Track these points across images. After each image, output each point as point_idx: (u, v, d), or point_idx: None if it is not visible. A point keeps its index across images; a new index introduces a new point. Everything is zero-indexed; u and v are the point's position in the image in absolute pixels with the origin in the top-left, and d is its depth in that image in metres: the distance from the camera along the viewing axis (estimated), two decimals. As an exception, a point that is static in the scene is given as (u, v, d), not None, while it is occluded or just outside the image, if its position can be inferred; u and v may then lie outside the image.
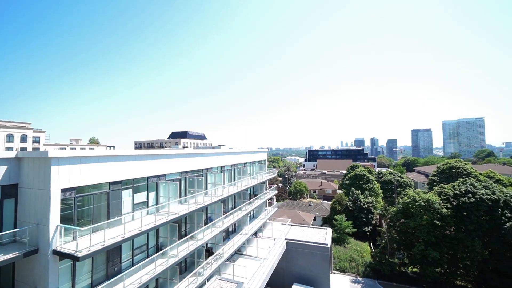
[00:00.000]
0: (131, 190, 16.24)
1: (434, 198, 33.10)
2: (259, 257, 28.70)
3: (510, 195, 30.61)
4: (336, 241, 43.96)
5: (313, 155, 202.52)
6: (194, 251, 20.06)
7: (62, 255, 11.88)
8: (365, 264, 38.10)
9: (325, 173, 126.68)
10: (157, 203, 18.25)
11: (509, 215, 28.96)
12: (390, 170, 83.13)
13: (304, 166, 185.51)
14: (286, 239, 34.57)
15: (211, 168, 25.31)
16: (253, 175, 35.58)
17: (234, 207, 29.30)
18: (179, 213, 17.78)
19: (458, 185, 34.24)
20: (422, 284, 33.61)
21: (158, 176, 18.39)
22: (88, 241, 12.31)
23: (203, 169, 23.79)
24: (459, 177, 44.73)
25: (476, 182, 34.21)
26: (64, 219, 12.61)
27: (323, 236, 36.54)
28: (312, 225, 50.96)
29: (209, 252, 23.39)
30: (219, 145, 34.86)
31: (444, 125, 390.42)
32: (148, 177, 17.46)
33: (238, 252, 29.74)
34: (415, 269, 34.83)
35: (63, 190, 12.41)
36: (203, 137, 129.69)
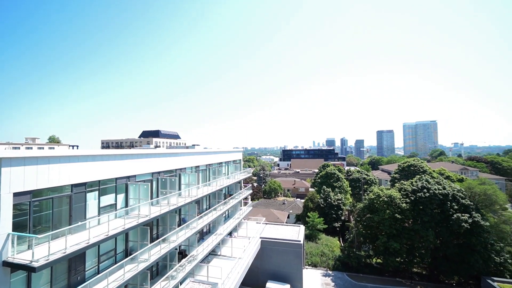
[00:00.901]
0: (97, 192, 15.21)
1: (395, 194, 36.06)
2: (234, 257, 28.71)
3: (457, 189, 34.55)
4: (308, 237, 45.65)
5: (287, 154, 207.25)
6: (167, 254, 19.43)
7: (14, 266, 10.77)
8: (335, 258, 40.14)
9: (299, 172, 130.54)
10: (126, 205, 17.32)
11: (456, 207, 32.67)
12: (357, 168, 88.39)
13: (278, 165, 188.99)
14: (260, 237, 35.03)
15: (185, 168, 24.70)
16: (228, 175, 35.43)
17: (209, 208, 28.93)
18: (151, 216, 17.09)
19: (416, 182, 37.67)
20: (385, 273, 36.45)
21: (128, 177, 17.47)
22: (46, 250, 11.29)
23: (176, 169, 23.11)
24: (416, 174, 49.18)
25: (430, 179, 37.95)
26: (18, 227, 11.41)
27: (296, 233, 37.72)
28: (286, 223, 52.25)
29: (182, 254, 22.81)
30: (194, 145, 34.09)
31: (404, 127, 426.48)
32: (116, 178, 16.49)
33: (213, 253, 29.43)
34: (378, 260, 37.57)
35: (16, 194, 11.22)
36: (176, 137, 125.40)
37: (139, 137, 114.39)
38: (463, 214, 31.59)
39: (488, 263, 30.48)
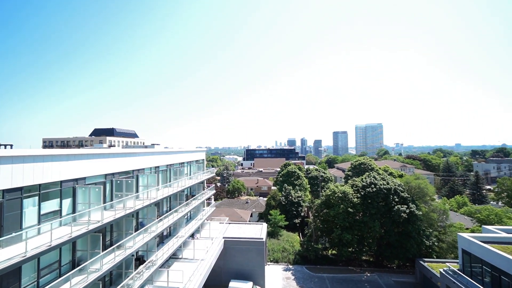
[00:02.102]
0: (36, 198, 13.38)
1: (348, 190, 39.53)
2: (196, 259, 28.06)
3: (398, 184, 39.46)
4: (270, 234, 47.04)
5: (250, 154, 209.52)
6: (122, 262, 18.07)
7: None
8: (295, 253, 42.19)
9: (262, 171, 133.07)
10: (74, 211, 15.61)
11: (397, 200, 37.31)
12: (316, 167, 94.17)
13: (242, 164, 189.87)
14: (223, 237, 34.91)
15: (143, 169, 23.26)
16: (190, 175, 34.42)
17: (170, 210, 27.74)
18: (103, 221, 15.72)
19: (365, 178, 41.83)
20: (339, 263, 39.72)
21: (76, 180, 15.75)
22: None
23: (133, 170, 21.62)
24: (366, 172, 54.59)
25: (377, 175, 42.56)
26: None
27: (259, 231, 38.57)
28: (249, 221, 52.92)
29: (140, 260, 21.45)
30: (153, 144, 32.20)
31: (356, 128, 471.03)
32: (61, 182, 14.73)
33: (174, 257, 28.31)
34: (334, 251, 40.75)
35: None
36: (133, 135, 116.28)
37: (90, 135, 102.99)
38: (402, 206, 36.25)
39: (421, 247, 35.60)
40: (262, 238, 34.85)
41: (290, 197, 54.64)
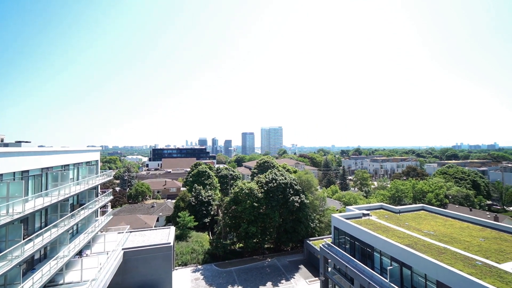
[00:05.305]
0: None
1: (254, 186, 43.50)
2: (84, 280, 23.59)
3: (293, 179, 46.85)
4: (179, 237, 45.26)
5: (158, 154, 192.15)
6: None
7: None
8: (204, 252, 42.46)
9: (170, 172, 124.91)
10: None
11: (292, 192, 44.28)
12: (226, 166, 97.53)
13: (147, 165, 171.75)
14: (123, 249, 30.94)
15: (0, 174, 17.54)
16: (78, 180, 28.45)
17: (46, 225, 22.08)
18: None
19: (268, 175, 47.24)
20: (245, 255, 43.09)
21: None
22: None
23: (-17, 178, 15.96)
24: (269, 169, 61.55)
25: (277, 172, 48.97)
26: None
27: (166, 235, 36.51)
28: (155, 226, 48.91)
29: (-6, 298, 16.07)
30: (18, 142, 24.36)
31: (262, 130, 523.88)
32: None
33: (51, 284, 22.72)
34: (241, 245, 43.80)
35: None
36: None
37: None
38: (295, 197, 43.38)
39: (308, 229, 43.81)
40: (170, 243, 33.18)
41: (200, 197, 54.39)
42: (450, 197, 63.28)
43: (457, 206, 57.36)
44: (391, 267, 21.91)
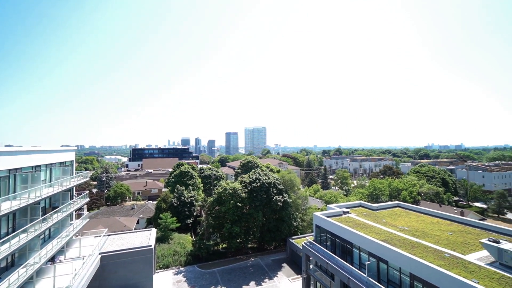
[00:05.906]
0: None
1: (237, 186, 43.46)
2: None
3: (276, 178, 47.40)
4: (160, 239, 44.09)
5: (138, 154, 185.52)
6: None
7: None
8: (186, 254, 41.72)
9: (151, 172, 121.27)
10: None
11: (275, 191, 44.80)
12: (209, 166, 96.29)
13: (127, 166, 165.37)
14: (100, 253, 29.65)
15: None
16: (51, 181, 26.82)
17: (14, 230, 20.62)
18: None
19: (252, 175, 47.42)
20: (228, 255, 42.95)
21: None
22: None
23: None
24: (252, 169, 61.73)
25: (261, 172, 49.31)
26: None
27: (147, 238, 35.49)
28: (135, 229, 47.30)
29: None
30: (-19, 141, 22.52)
31: (245, 130, 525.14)
32: None
33: (20, 293, 21.18)
34: (224, 245, 43.59)
35: None
36: None
37: None
38: (279, 196, 43.94)
39: (291, 228, 44.53)
40: (150, 246, 32.27)
41: (183, 198, 53.35)
42: (422, 194, 67.34)
43: (428, 202, 61.22)
44: (369, 262, 22.97)
